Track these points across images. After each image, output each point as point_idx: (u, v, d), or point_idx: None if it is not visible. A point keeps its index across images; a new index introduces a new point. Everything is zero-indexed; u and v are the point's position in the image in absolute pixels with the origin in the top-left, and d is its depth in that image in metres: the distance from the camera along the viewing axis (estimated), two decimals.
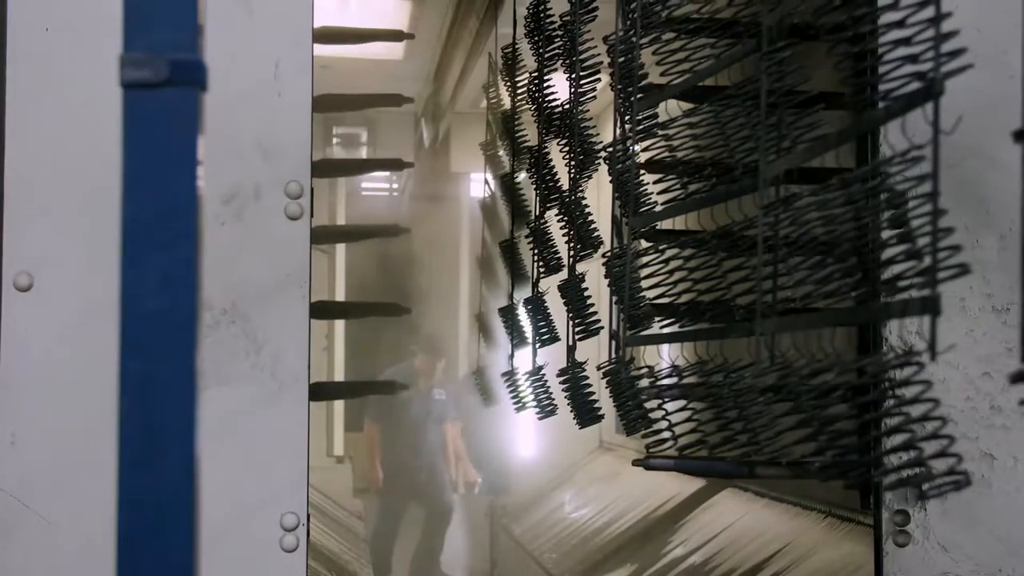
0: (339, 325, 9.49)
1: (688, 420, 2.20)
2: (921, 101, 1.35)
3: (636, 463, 2.53)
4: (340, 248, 9.48)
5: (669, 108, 2.28)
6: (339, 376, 9.45)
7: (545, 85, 3.54)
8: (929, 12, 1.34)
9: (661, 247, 2.28)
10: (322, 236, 2.63)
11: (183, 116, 1.11)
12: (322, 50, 2.39)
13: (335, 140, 7.98)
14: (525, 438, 7.69)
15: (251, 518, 2.22)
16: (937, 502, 2.29)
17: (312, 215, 2.29)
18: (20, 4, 2.21)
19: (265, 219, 2.26)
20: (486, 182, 5.50)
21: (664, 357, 2.42)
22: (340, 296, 9.45)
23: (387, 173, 9.24)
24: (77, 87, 2.21)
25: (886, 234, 1.44)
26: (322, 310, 2.61)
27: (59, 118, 2.21)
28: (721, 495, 5.84)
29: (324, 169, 2.94)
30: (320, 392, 2.65)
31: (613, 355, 2.61)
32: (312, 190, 2.29)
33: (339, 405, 9.49)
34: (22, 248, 2.20)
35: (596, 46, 2.90)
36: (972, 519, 2.28)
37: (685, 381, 2.17)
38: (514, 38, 4.09)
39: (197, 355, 1.10)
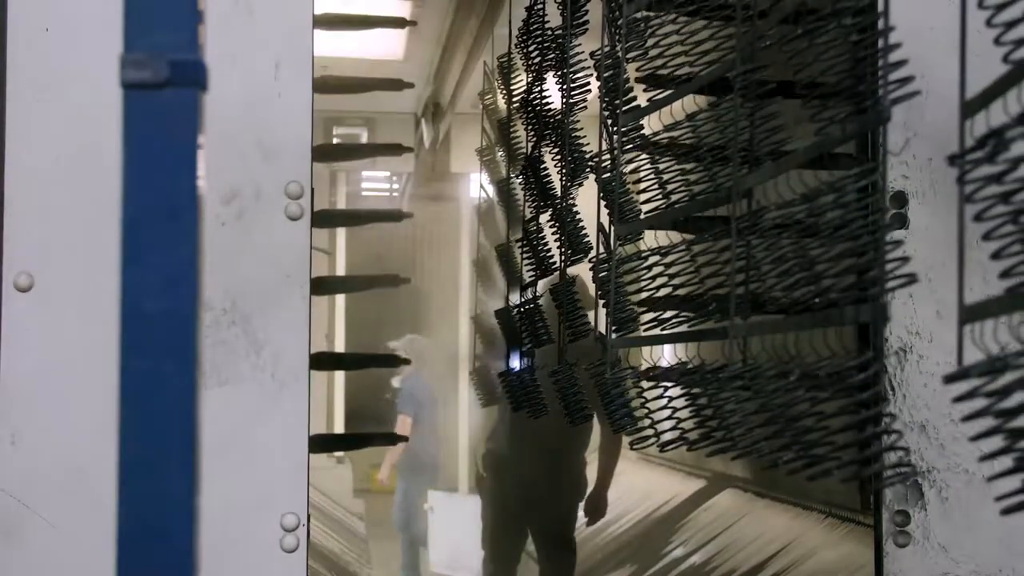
0: (339, 323, 9.51)
1: (670, 418, 2.27)
2: (872, 125, 1.48)
3: (639, 374, 2.54)
4: (340, 248, 9.49)
5: (652, 123, 2.38)
6: (339, 378, 9.47)
7: (538, 95, 3.59)
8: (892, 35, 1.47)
9: (644, 253, 2.38)
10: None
11: (183, 116, 1.11)
12: (322, 50, 2.40)
13: (335, 140, 7.99)
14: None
15: (251, 518, 2.22)
16: (937, 502, 2.29)
17: (312, 215, 2.29)
18: (20, 4, 2.21)
19: (265, 219, 2.26)
20: (482, 187, 5.55)
21: (665, 358, 2.47)
22: (340, 297, 9.46)
23: (387, 173, 9.25)
24: (77, 87, 2.20)
25: (843, 245, 1.55)
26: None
27: (59, 118, 2.21)
28: (721, 495, 5.84)
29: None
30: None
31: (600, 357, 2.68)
32: (312, 191, 2.29)
33: (339, 407, 9.51)
34: (22, 248, 2.20)
35: (587, 57, 2.96)
36: (972, 519, 2.29)
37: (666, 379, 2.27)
38: (509, 47, 4.12)
39: (197, 355, 1.10)
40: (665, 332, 2.32)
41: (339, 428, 9.48)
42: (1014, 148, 1.20)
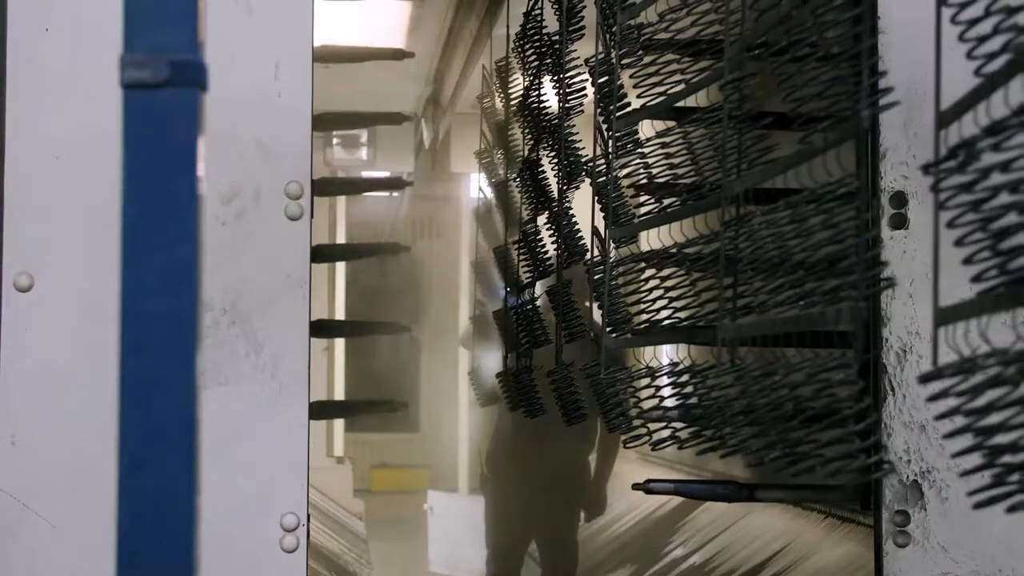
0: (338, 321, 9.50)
1: (662, 417, 2.29)
2: (851, 134, 1.53)
3: (636, 487, 2.60)
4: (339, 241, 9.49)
5: (645, 128, 2.42)
6: (340, 376, 9.47)
7: (535, 99, 3.61)
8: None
9: (637, 256, 2.41)
10: (323, 255, 2.65)
11: (183, 116, 1.11)
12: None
13: (335, 141, 7.98)
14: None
15: (251, 518, 2.22)
16: (937, 502, 2.29)
17: (312, 215, 2.29)
18: (20, 4, 2.21)
19: (265, 219, 2.26)
20: (480, 189, 5.57)
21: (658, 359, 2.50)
22: (340, 294, 9.46)
23: (387, 173, 9.25)
24: (77, 87, 2.21)
25: (827, 249, 1.58)
26: (321, 328, 2.63)
27: (59, 118, 2.21)
28: None
29: (324, 188, 2.96)
30: (320, 412, 2.67)
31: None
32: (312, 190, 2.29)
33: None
34: (22, 248, 2.20)
35: (582, 62, 2.98)
36: (972, 519, 2.28)
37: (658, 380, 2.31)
38: (507, 48, 4.13)
39: (197, 355, 1.10)
40: (657, 334, 2.34)
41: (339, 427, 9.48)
42: (984, 158, 1.24)
